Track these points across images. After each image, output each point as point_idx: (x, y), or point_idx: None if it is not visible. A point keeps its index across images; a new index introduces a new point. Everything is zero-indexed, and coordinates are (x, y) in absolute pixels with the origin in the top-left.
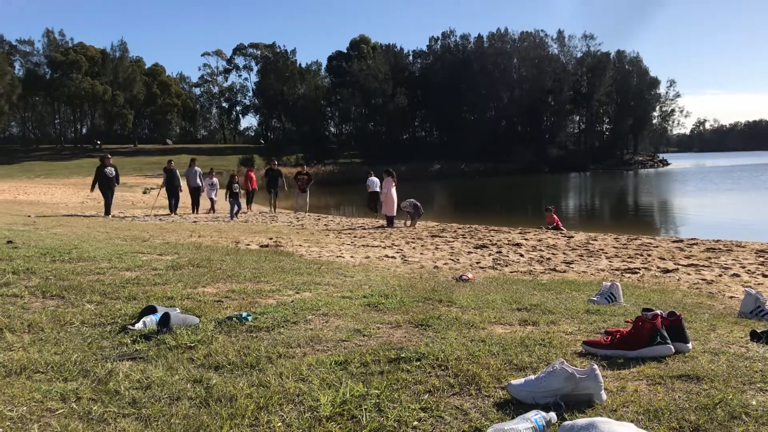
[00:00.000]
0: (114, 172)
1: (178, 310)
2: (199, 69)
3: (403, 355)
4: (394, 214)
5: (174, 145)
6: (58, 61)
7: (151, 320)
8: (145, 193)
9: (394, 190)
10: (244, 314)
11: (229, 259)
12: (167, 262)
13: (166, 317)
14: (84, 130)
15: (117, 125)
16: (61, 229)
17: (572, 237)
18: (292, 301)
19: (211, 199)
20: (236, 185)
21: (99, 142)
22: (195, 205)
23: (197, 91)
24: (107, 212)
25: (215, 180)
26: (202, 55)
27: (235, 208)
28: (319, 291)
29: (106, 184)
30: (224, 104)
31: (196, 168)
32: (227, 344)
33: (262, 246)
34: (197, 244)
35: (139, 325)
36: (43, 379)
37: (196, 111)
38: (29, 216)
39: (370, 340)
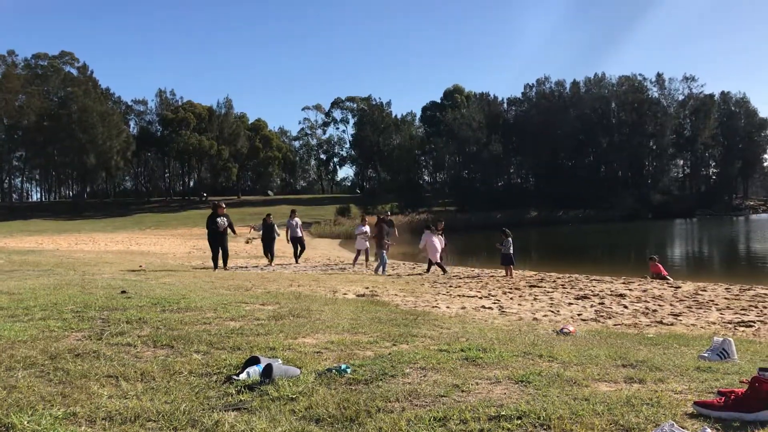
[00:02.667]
0: (226, 222)
1: (280, 361)
2: (299, 123)
3: (503, 413)
4: (437, 259)
5: (275, 196)
6: (168, 119)
7: (254, 371)
8: (247, 243)
9: (435, 239)
10: (343, 366)
11: (328, 309)
12: (269, 312)
13: (268, 368)
14: (191, 183)
15: (222, 178)
16: (169, 278)
17: (679, 287)
18: (390, 354)
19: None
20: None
21: (205, 194)
22: (296, 254)
23: (297, 143)
24: (215, 266)
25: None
26: (303, 109)
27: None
28: (416, 343)
29: (213, 236)
30: (322, 156)
31: (296, 219)
32: (327, 396)
33: (358, 295)
34: (297, 294)
35: (243, 376)
36: (155, 428)
37: (296, 163)
38: (140, 266)
39: (469, 396)
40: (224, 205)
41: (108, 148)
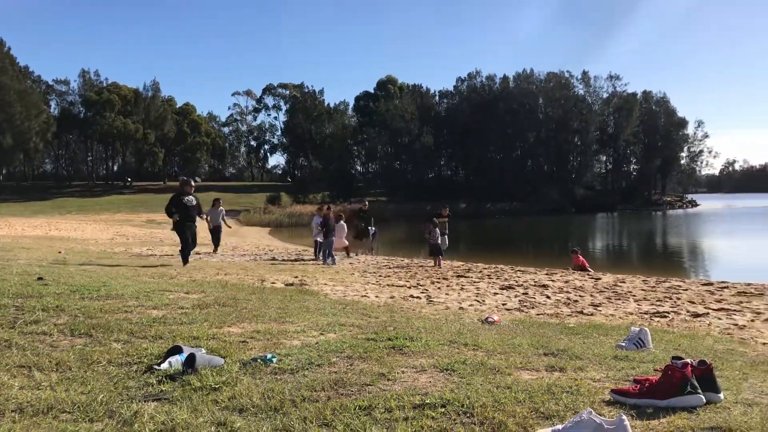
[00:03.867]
0: (195, 202)
1: (204, 351)
2: (229, 108)
3: (428, 401)
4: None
5: (202, 182)
6: (92, 101)
7: (176, 360)
8: (173, 230)
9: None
10: (269, 356)
11: (255, 298)
12: (193, 300)
13: (191, 358)
14: (115, 168)
15: (147, 163)
16: (91, 266)
17: (599, 279)
18: (317, 343)
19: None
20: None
21: (130, 180)
22: (216, 244)
23: (226, 129)
24: (185, 260)
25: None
26: (233, 94)
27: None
28: (343, 332)
29: (183, 220)
30: (252, 143)
31: (221, 208)
32: (252, 386)
33: (287, 284)
34: (223, 283)
35: (164, 366)
36: (69, 420)
37: (225, 149)
38: (60, 252)
39: (395, 385)
40: (193, 183)
41: (26, 129)
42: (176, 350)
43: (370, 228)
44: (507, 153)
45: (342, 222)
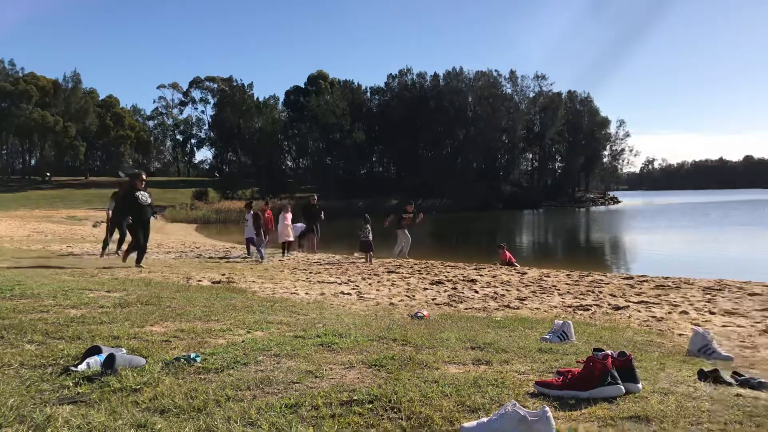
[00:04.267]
0: (149, 200)
1: (124, 351)
2: (154, 101)
3: (355, 398)
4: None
5: (126, 177)
6: (6, 91)
7: (95, 361)
8: (95, 226)
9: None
10: (193, 355)
11: (179, 297)
12: (115, 299)
13: (110, 358)
14: (33, 162)
15: (68, 157)
16: (6, 263)
17: (525, 273)
18: (243, 341)
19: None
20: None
21: (49, 174)
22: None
23: (151, 123)
24: (118, 247)
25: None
26: (158, 87)
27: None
28: (271, 330)
29: (135, 217)
30: (179, 137)
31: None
32: (174, 387)
33: (214, 282)
34: (147, 281)
35: (82, 367)
36: None
37: (150, 143)
38: None
39: (322, 382)
40: (144, 177)
41: None
42: (95, 351)
43: (316, 224)
44: (437, 150)
45: (287, 214)
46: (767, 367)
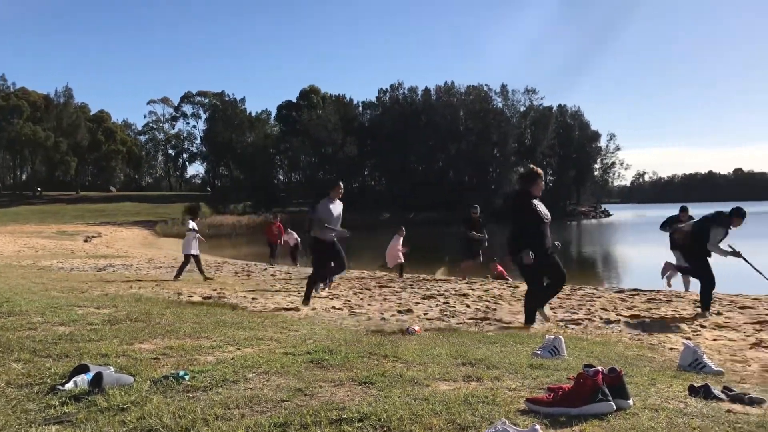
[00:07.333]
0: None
1: (112, 369)
2: (145, 116)
3: (345, 416)
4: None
5: (118, 192)
6: None
7: (82, 380)
8: (86, 241)
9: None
10: (181, 373)
11: (169, 313)
12: (104, 315)
13: (98, 377)
14: (24, 177)
15: (59, 172)
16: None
17: (518, 287)
18: (233, 358)
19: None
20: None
21: (40, 189)
22: None
23: (143, 138)
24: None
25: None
26: (149, 102)
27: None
28: (261, 347)
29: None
30: (170, 151)
31: None
32: (162, 405)
33: (205, 298)
34: (137, 296)
35: (69, 386)
36: None
37: (142, 158)
38: None
39: (312, 400)
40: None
41: None
42: (82, 369)
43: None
44: (429, 164)
45: (400, 236)
46: (758, 382)
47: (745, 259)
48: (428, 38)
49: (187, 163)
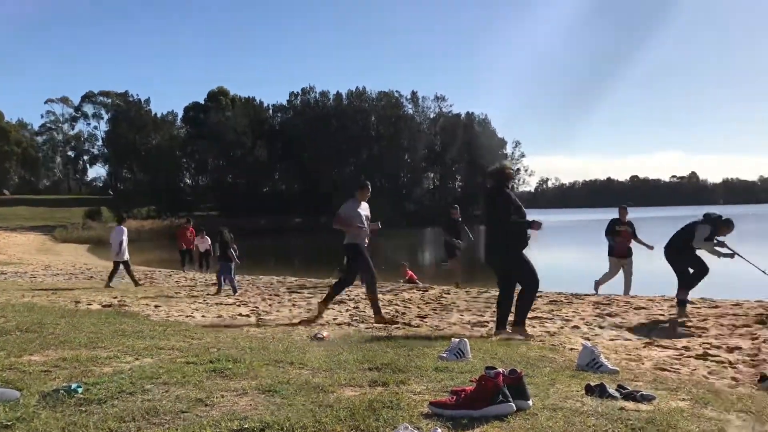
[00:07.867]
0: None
1: None
2: (43, 116)
3: (246, 426)
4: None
5: (12, 195)
6: None
7: None
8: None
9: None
10: (74, 385)
11: (64, 323)
12: None
13: None
14: None
15: None
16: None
17: (427, 290)
18: (130, 369)
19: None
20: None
21: None
22: None
23: (40, 139)
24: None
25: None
26: (46, 102)
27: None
28: (161, 356)
29: None
30: (70, 153)
31: None
32: (51, 421)
33: (104, 306)
34: (30, 305)
35: None
36: None
37: (38, 160)
38: None
39: (213, 410)
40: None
41: None
42: None
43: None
44: (341, 168)
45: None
46: (650, 379)
47: (741, 256)
48: (341, 41)
49: (88, 165)
